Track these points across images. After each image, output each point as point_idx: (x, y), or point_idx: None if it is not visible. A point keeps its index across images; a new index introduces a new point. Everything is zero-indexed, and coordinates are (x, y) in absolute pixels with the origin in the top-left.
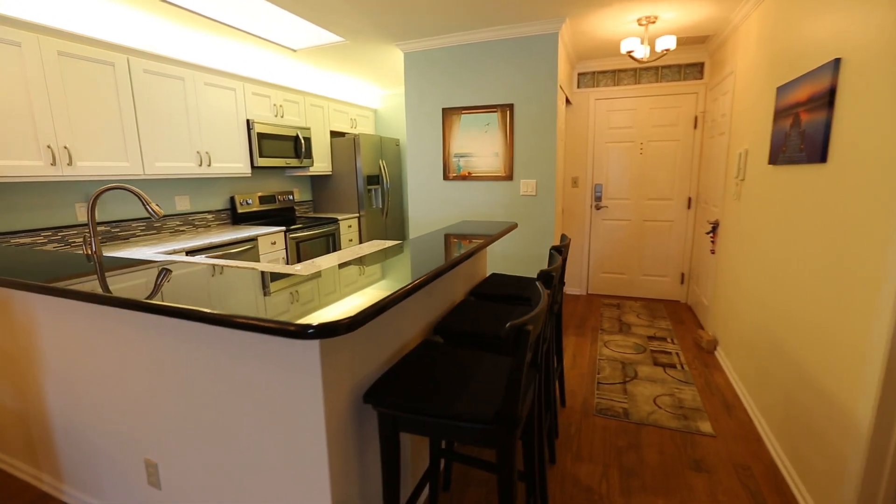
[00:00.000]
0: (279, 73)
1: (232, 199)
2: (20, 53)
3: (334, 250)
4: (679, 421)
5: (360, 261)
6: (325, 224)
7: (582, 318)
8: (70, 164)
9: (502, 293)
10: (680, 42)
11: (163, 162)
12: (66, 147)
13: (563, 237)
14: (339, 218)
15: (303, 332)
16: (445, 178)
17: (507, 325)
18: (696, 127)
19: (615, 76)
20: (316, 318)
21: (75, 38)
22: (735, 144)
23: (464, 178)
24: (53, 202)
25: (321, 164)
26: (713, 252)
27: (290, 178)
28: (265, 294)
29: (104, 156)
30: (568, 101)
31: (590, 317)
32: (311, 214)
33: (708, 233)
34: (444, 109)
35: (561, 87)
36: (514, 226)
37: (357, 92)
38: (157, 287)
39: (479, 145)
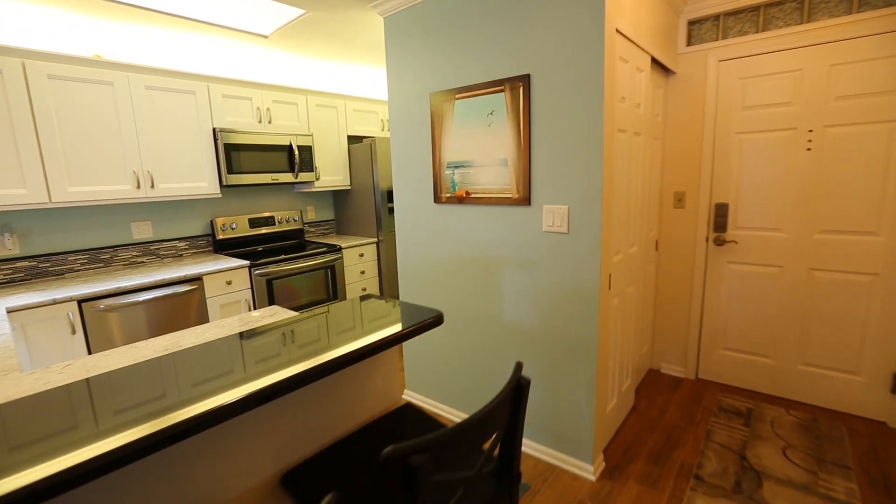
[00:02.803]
0: (267, 70)
1: (212, 224)
2: None
3: (333, 290)
4: None
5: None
6: (321, 254)
7: (670, 434)
8: None
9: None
10: None
11: (80, 186)
12: None
13: (517, 368)
14: (344, 245)
15: None
16: (437, 199)
17: None
18: None
19: (759, 16)
20: None
21: None
22: None
23: (460, 199)
24: None
25: (332, 176)
26: None
27: (301, 194)
28: None
29: None
30: (666, 70)
31: (685, 433)
32: (328, 239)
33: None
34: (432, 95)
35: (635, 43)
36: (430, 322)
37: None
38: None
39: (481, 147)
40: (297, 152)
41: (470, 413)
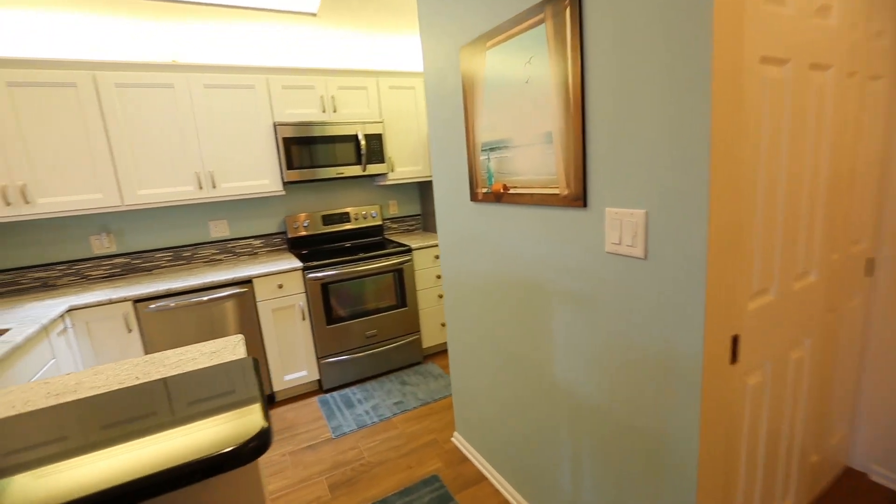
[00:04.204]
0: (332, 56)
1: (285, 221)
2: None
3: (402, 297)
4: None
5: None
6: (385, 256)
7: None
8: (28, 202)
9: None
10: None
11: (148, 189)
12: (21, 185)
13: None
14: (415, 246)
15: None
16: (473, 196)
17: None
18: None
19: None
20: None
21: (24, 63)
22: None
23: (497, 197)
24: (6, 244)
25: (410, 166)
26: None
27: (380, 188)
28: None
29: (71, 189)
30: None
31: None
32: (409, 237)
33: None
34: (462, 51)
35: None
36: (216, 462)
37: None
38: None
39: (518, 116)
40: (363, 142)
41: (514, 486)
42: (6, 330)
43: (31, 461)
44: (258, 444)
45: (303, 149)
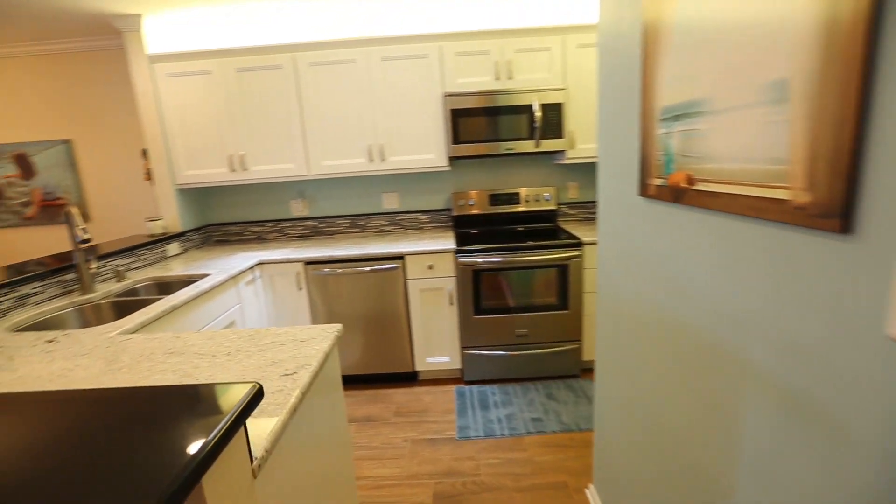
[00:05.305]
0: (510, 14)
1: (452, 198)
2: (210, 80)
3: (564, 297)
4: None
5: None
6: (549, 248)
7: None
8: (245, 169)
9: None
10: None
11: (330, 160)
12: (241, 155)
13: None
14: (586, 240)
15: None
16: (643, 190)
17: None
18: None
19: None
20: None
21: (248, 50)
22: None
23: (675, 192)
24: (237, 202)
25: (595, 143)
26: None
27: (561, 167)
28: None
29: (273, 159)
30: None
31: None
32: (586, 227)
33: None
34: None
35: None
36: None
37: None
38: None
39: (723, 61)
40: (538, 113)
41: None
42: (206, 275)
43: None
44: None
45: (470, 121)
